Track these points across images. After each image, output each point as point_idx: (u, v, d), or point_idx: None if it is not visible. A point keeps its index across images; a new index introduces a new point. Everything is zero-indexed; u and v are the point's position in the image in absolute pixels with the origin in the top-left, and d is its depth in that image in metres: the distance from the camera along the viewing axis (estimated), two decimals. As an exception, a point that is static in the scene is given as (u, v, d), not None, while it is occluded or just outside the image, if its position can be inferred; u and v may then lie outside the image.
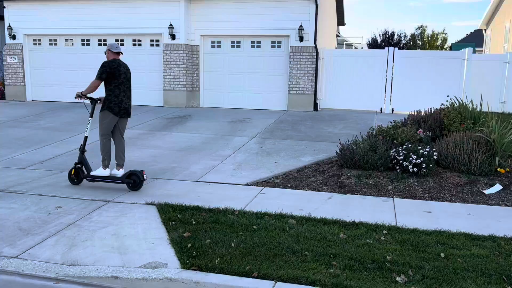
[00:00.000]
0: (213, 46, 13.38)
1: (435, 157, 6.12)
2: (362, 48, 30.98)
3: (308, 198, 5.53)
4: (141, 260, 3.77)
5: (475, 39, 35.11)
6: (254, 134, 9.45)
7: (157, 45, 13.42)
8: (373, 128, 7.41)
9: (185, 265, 3.56)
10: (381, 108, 12.61)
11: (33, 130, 9.85)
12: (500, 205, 5.30)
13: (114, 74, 5.91)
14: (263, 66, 12.97)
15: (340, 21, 18.44)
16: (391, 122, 7.65)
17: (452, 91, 11.99)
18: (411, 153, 6.10)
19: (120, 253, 3.93)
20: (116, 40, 13.76)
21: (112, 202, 5.32)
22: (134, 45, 13.66)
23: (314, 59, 12.33)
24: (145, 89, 13.63)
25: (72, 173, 6.08)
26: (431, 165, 6.03)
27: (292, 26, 12.32)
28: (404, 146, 6.30)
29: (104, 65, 5.89)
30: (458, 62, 11.94)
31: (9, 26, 14.32)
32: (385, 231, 4.30)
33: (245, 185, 6.17)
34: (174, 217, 4.66)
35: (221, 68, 13.33)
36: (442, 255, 3.74)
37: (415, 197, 5.61)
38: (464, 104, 8.21)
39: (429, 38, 38.86)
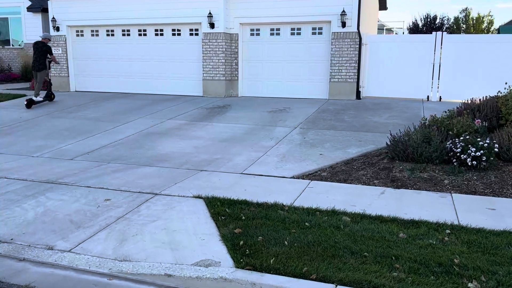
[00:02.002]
0: (252, 34, 13.15)
1: (496, 149, 5.71)
2: (403, 33, 29.87)
3: (359, 193, 5.29)
4: (194, 257, 3.68)
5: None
6: (295, 124, 9.23)
7: (196, 34, 13.34)
8: (425, 118, 7.02)
9: (239, 264, 3.44)
10: (428, 96, 12.05)
11: (78, 121, 10.02)
12: None
13: None
14: (303, 53, 12.65)
15: (382, 5, 17.76)
16: (445, 112, 7.22)
17: (507, 78, 11.29)
18: (469, 145, 5.72)
19: (172, 249, 3.86)
20: (156, 30, 13.78)
21: (159, 194, 5.28)
22: (174, 34, 13.63)
23: (357, 46, 11.89)
24: (184, 79, 13.64)
25: None
26: (491, 158, 5.64)
27: (334, 11, 11.90)
28: (462, 138, 5.92)
29: None
30: (513, 46, 11.19)
31: (53, 18, 14.61)
32: (448, 231, 4.02)
33: (290, 178, 5.99)
34: (223, 212, 4.55)
35: (260, 57, 13.11)
36: (516, 259, 3.45)
37: (475, 193, 5.26)
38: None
39: (474, 22, 36.99)
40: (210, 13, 12.66)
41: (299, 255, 3.54)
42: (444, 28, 36.92)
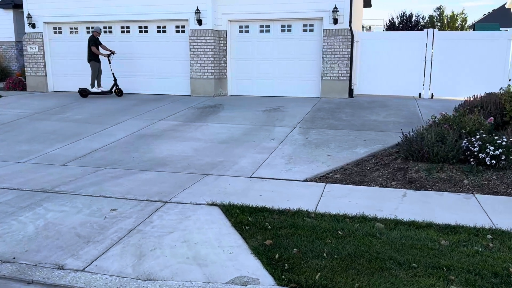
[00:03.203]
0: (240, 31, 12.81)
1: (514, 148, 5.59)
2: (383, 30, 30.06)
3: (380, 196, 5.06)
4: (226, 274, 3.34)
5: (494, 19, 34.00)
6: (294, 124, 8.96)
7: (183, 31, 12.89)
8: (435, 116, 6.87)
9: (281, 282, 3.12)
10: (420, 94, 12.02)
11: (63, 123, 9.45)
12: None
13: None
14: (293, 51, 12.40)
15: (367, 2, 17.70)
16: (457, 109, 7.06)
17: (496, 75, 11.39)
18: (487, 144, 5.57)
19: (199, 264, 3.50)
20: (139, 27, 13.25)
21: (169, 202, 4.90)
22: (159, 31, 13.14)
23: (349, 43, 11.72)
24: (171, 78, 13.18)
25: None
26: (511, 157, 5.51)
27: (325, 8, 11.70)
28: (478, 136, 5.77)
29: None
30: (503, 43, 11.26)
31: (29, 14, 13.86)
32: (489, 236, 3.82)
33: (303, 181, 5.71)
34: (246, 221, 4.22)
35: (250, 54, 12.79)
36: None
37: (497, 193, 5.11)
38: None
39: (448, 19, 37.67)
40: (197, 9, 12.24)
41: (343, 268, 3.26)
42: (420, 26, 37.43)
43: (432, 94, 11.94)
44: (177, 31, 13.00)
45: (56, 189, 5.39)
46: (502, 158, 5.47)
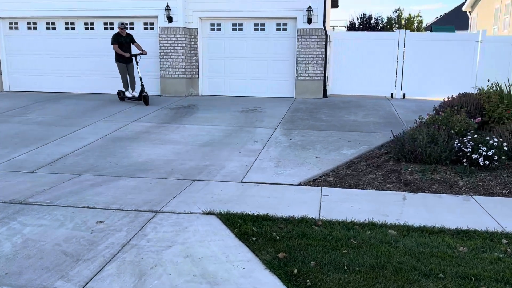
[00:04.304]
0: (212, 30, 12.44)
1: (505, 148, 5.62)
2: (346, 30, 30.48)
3: (380, 200, 4.91)
4: (243, 293, 3.04)
5: (447, 22, 35.35)
6: (274, 125, 8.74)
7: (152, 28, 12.36)
8: (422, 117, 6.85)
9: (306, 300, 2.87)
10: (392, 94, 12.13)
11: (26, 126, 8.74)
12: None
13: None
14: (267, 50, 12.18)
15: (334, 3, 17.77)
16: (444, 110, 7.03)
17: (465, 75, 11.68)
18: (479, 145, 5.57)
19: (210, 283, 3.18)
20: (105, 24, 12.58)
21: (161, 212, 4.52)
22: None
23: (324, 43, 11.65)
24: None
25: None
26: (503, 158, 5.53)
27: (299, 7, 11.56)
28: (470, 137, 5.77)
29: None
30: (472, 45, 11.56)
31: (-19, 8, 12.83)
32: (504, 241, 3.74)
33: (297, 185, 5.49)
34: (251, 231, 3.93)
35: (222, 53, 12.44)
36: None
37: (494, 194, 5.10)
38: (504, 88, 7.75)
39: (406, 21, 38.81)
40: (167, 6, 11.77)
41: (370, 282, 3.04)
42: (379, 27, 38.35)
43: (404, 94, 12.08)
44: (146, 28, 12.45)
45: (30, 200, 4.87)
46: (495, 158, 5.48)
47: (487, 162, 5.48)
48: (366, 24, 38.62)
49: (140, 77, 10.58)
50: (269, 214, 4.35)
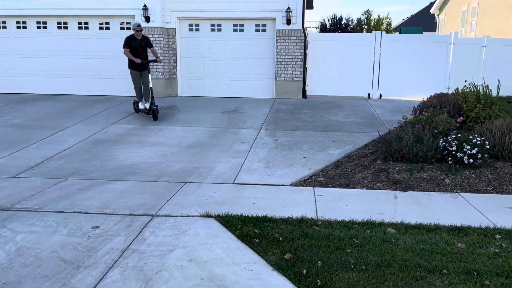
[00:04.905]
0: (190, 30, 12.33)
1: (487, 146, 5.84)
2: (318, 31, 30.84)
3: (373, 199, 5.01)
4: (255, 296, 3.04)
5: (414, 23, 36.37)
6: (258, 126, 8.76)
7: (128, 28, 12.11)
8: (406, 117, 7.02)
9: (320, 300, 2.89)
10: (369, 94, 12.38)
11: (1, 129, 8.41)
12: None
13: None
14: (246, 51, 12.18)
15: (309, 4, 17.95)
16: (427, 110, 7.20)
17: (438, 75, 12.05)
18: (463, 143, 5.77)
19: (219, 286, 3.16)
20: (79, 23, 12.26)
21: (157, 216, 4.45)
22: (101, 28, 12.25)
23: (303, 44, 11.75)
24: (116, 78, 12.30)
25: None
26: (486, 156, 5.75)
27: (278, 8, 11.61)
28: (454, 136, 5.96)
29: None
30: (444, 46, 11.95)
31: None
32: (498, 236, 3.89)
33: (290, 185, 5.52)
34: (253, 233, 3.93)
35: (201, 54, 12.35)
36: None
37: (479, 191, 5.29)
38: (479, 88, 8.05)
39: (375, 23, 39.67)
40: (145, 5, 11.58)
41: (379, 281, 3.10)
42: (349, 29, 39.02)
43: (380, 94, 12.35)
44: (122, 28, 12.20)
45: (17, 206, 4.69)
46: (478, 156, 5.69)
47: (471, 160, 5.68)
48: (337, 26, 39.22)
49: (151, 88, 9.07)
50: (268, 216, 4.36)
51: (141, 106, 9.41)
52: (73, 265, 3.49)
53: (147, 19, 11.69)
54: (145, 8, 11.57)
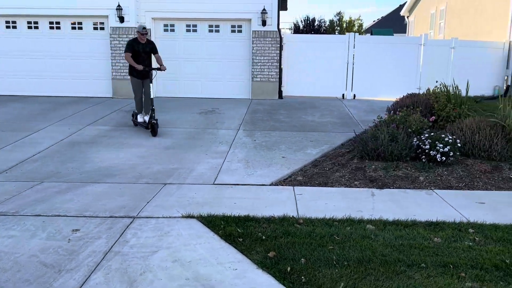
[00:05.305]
0: (166, 30, 12.25)
1: (459, 144, 6.06)
2: (292, 32, 31.14)
3: (351, 197, 5.13)
4: (241, 294, 3.08)
5: (384, 25, 37.20)
6: (236, 126, 8.80)
7: (102, 28, 11.95)
8: (380, 117, 7.20)
9: (305, 296, 2.96)
10: (343, 94, 12.59)
11: (-30, 131, 8.15)
12: (534, 190, 5.39)
13: None
14: (222, 52, 12.19)
15: (283, 5, 18.11)
16: (403, 109, 7.39)
17: (409, 76, 12.38)
18: (436, 142, 5.97)
19: (205, 286, 3.18)
20: (51, 23, 11.99)
21: (139, 218, 4.43)
22: (74, 28, 12.02)
23: (278, 45, 11.86)
24: (89, 79, 12.15)
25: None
26: (458, 153, 5.97)
27: (254, 9, 11.69)
28: (427, 135, 6.16)
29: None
30: (415, 48, 12.28)
31: None
32: (471, 230, 4.06)
33: (270, 185, 5.59)
34: (236, 232, 3.97)
35: (176, 55, 12.28)
36: (555, 252, 3.59)
37: (451, 187, 5.49)
38: (449, 88, 8.33)
39: (347, 24, 40.33)
40: (119, 5, 11.44)
41: (361, 276, 3.20)
42: (322, 30, 39.55)
43: (354, 95, 12.58)
44: (95, 28, 12.01)
45: (-8, 211, 4.58)
46: (450, 154, 5.90)
47: (443, 158, 5.89)
48: (310, 27, 39.71)
49: (152, 99, 8.08)
50: (250, 215, 4.41)
51: (140, 119, 8.37)
52: (54, 269, 3.44)
53: (121, 19, 11.55)
54: (119, 8, 11.42)
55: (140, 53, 8.05)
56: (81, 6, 11.55)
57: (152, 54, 8.31)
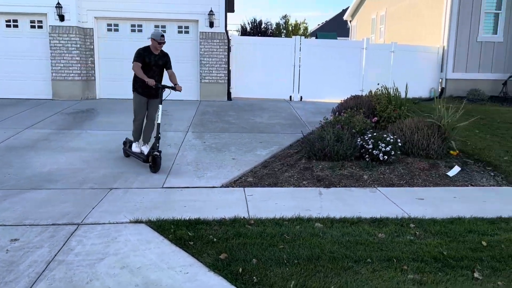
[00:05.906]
0: (109, 30, 11.88)
1: (399, 144, 6.37)
2: (239, 35, 31.22)
3: (300, 196, 5.24)
4: (193, 297, 3.05)
5: (328, 29, 38.36)
6: (185, 128, 8.70)
7: (40, 27, 11.37)
8: (326, 118, 7.40)
9: (257, 296, 2.99)
10: (291, 96, 12.82)
11: None
12: (467, 186, 5.78)
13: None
14: (169, 52, 11.91)
15: (230, 7, 18.15)
16: (347, 111, 7.65)
17: (353, 78, 12.84)
18: (378, 142, 6.23)
19: (156, 292, 3.13)
20: (-17, 19, 11.25)
21: (84, 224, 4.26)
22: (8, 26, 11.35)
23: (226, 46, 11.87)
24: (27, 80, 11.53)
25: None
26: (398, 152, 6.27)
27: (201, 10, 11.62)
28: (370, 135, 6.41)
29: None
30: (358, 51, 12.76)
31: None
32: (412, 225, 4.28)
33: (220, 187, 5.58)
34: (187, 236, 3.93)
35: (120, 55, 11.93)
36: (484, 243, 3.86)
37: (393, 185, 5.76)
38: (389, 90, 8.72)
39: (293, 27, 41.07)
40: (58, 3, 10.95)
41: (311, 273, 3.27)
42: (269, 32, 40.01)
43: (301, 97, 12.85)
44: (33, 27, 11.41)
45: None
46: (392, 153, 6.18)
47: (385, 157, 6.16)
48: (257, 29, 40.01)
49: (158, 124, 6.25)
50: (201, 218, 4.38)
51: (135, 148, 6.62)
52: (-9, 282, 3.24)
53: (61, 17, 11.06)
54: (58, 6, 10.93)
55: (151, 66, 6.47)
56: (17, 3, 10.95)
57: (165, 69, 6.83)
